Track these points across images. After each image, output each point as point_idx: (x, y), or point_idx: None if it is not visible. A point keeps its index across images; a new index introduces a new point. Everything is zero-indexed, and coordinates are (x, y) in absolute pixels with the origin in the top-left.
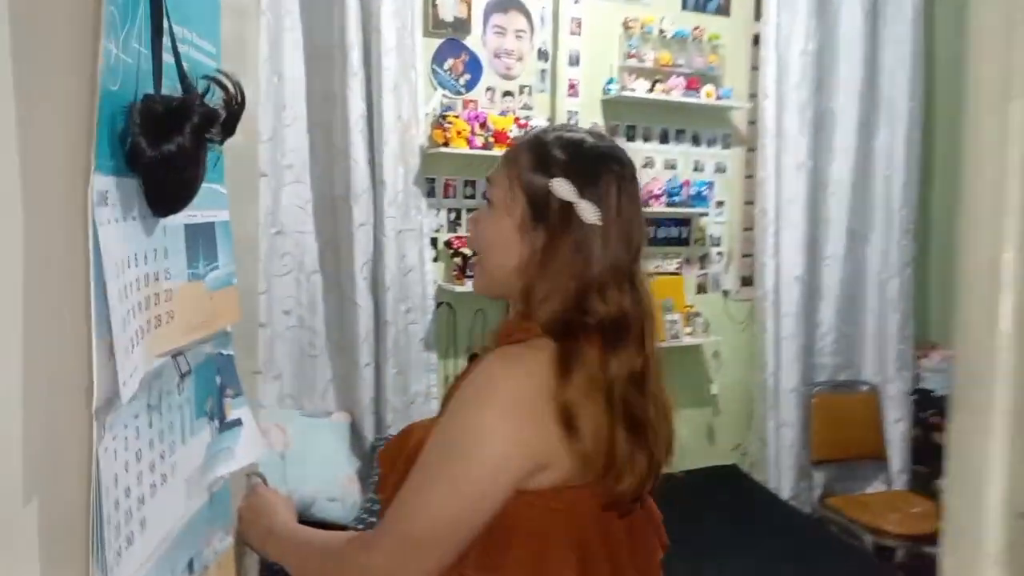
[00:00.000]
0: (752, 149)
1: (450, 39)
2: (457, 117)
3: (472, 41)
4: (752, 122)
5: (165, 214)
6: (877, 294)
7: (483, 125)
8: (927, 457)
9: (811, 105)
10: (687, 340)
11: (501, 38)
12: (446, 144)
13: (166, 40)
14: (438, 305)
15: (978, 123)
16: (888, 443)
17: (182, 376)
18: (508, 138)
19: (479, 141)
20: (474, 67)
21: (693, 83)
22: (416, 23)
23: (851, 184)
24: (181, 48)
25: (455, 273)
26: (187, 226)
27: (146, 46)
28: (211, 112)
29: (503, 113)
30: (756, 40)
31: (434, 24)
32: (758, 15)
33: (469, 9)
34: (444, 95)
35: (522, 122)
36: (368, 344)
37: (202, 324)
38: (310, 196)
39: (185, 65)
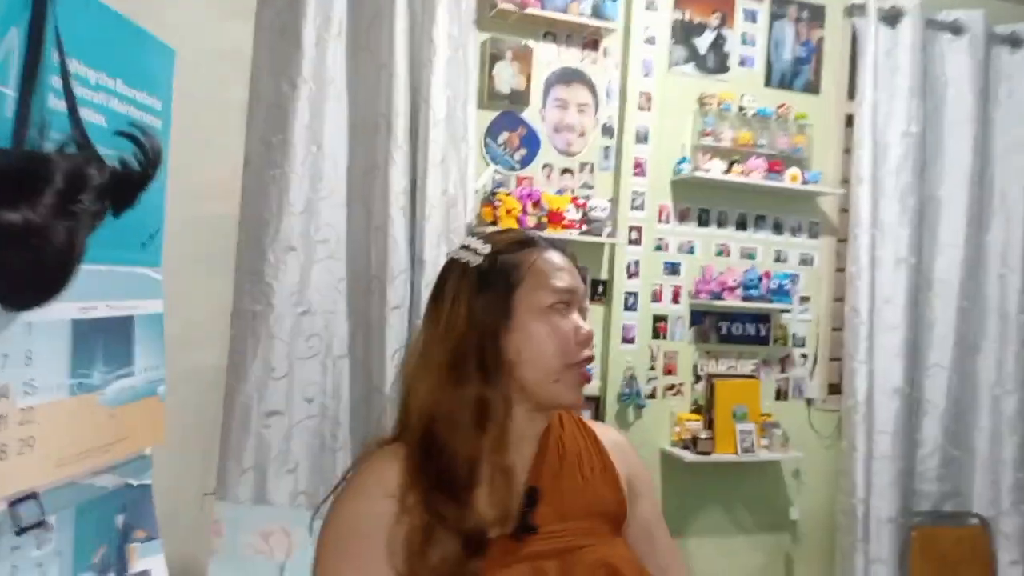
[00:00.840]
0: (844, 240)
1: (506, 112)
2: (508, 195)
3: (530, 114)
4: (845, 210)
5: (18, 307)
6: (990, 412)
7: (536, 204)
8: None
9: (913, 192)
10: (763, 455)
11: (562, 112)
12: (495, 223)
13: (54, 81)
14: None
15: None
16: None
17: (21, 530)
18: (563, 219)
19: (531, 221)
20: (531, 142)
21: (776, 165)
22: (470, 94)
23: (960, 283)
24: (92, 95)
25: None
26: (76, 322)
27: (14, 87)
28: (81, 174)
29: (560, 192)
30: (849, 121)
31: (490, 96)
32: (852, 94)
33: (528, 81)
34: (496, 171)
35: (580, 201)
36: None
37: (89, 452)
38: (344, 274)
39: (95, 117)
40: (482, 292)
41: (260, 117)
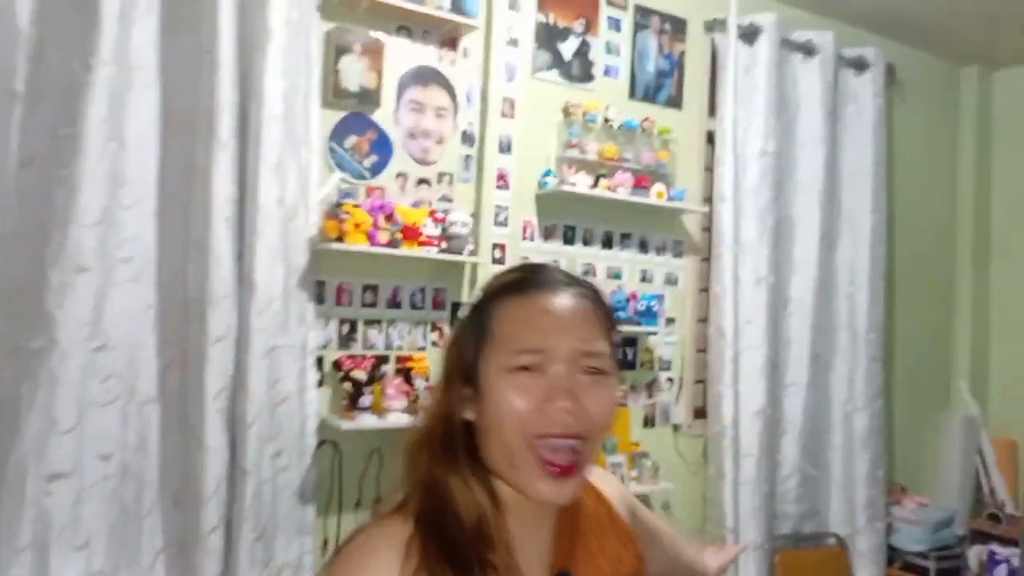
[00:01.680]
0: (706, 259)
1: (355, 113)
2: (357, 207)
3: (382, 117)
4: (706, 229)
5: None
6: (842, 429)
7: (389, 218)
8: None
9: (771, 212)
10: (632, 487)
11: (418, 115)
12: (341, 239)
13: None
14: (319, 445)
15: None
16: None
17: None
18: (420, 235)
19: (383, 237)
20: (383, 148)
21: (642, 180)
22: (312, 90)
23: (813, 302)
24: None
25: (345, 403)
26: None
27: None
28: None
29: (416, 204)
30: (710, 138)
31: (335, 93)
32: (712, 110)
33: (380, 79)
34: (343, 179)
35: (439, 215)
36: (218, 499)
37: None
38: (153, 299)
39: None
40: (459, 350)
41: (46, 106)
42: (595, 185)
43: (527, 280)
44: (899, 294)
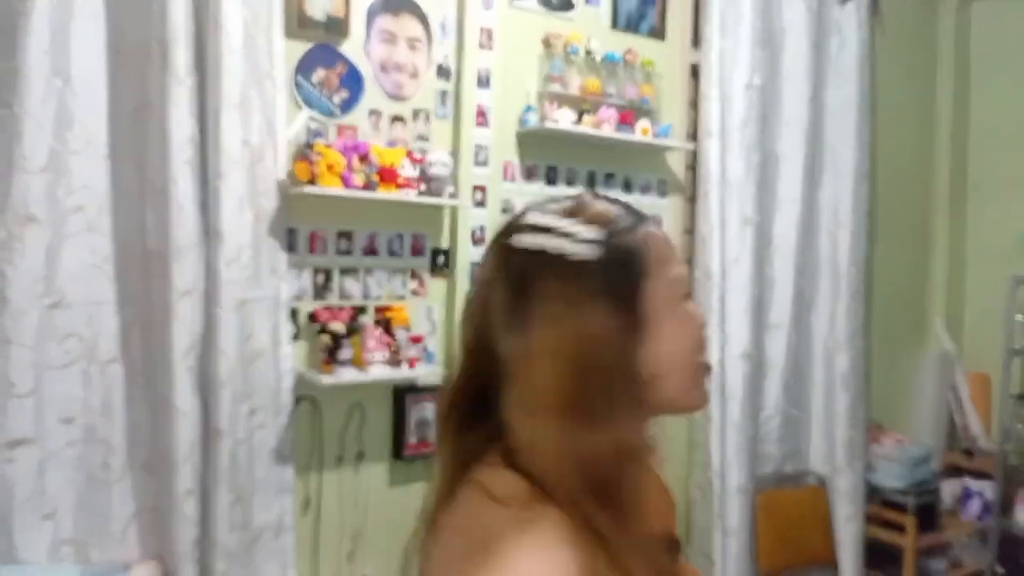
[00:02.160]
0: (691, 199)
1: (322, 44)
2: (329, 147)
3: (351, 48)
4: (690, 167)
5: None
6: (823, 368)
7: (364, 158)
8: (882, 560)
9: (757, 148)
10: None
11: (390, 47)
12: (312, 181)
13: None
14: (297, 402)
15: None
16: (839, 545)
17: None
18: (397, 177)
19: (358, 179)
20: (354, 82)
21: (627, 117)
22: (274, 18)
23: (796, 240)
24: None
25: (323, 357)
26: None
27: None
28: None
29: (391, 144)
30: (694, 71)
31: (300, 23)
32: (696, 41)
33: (348, 7)
34: (312, 117)
35: (417, 156)
36: (192, 463)
37: None
38: (110, 251)
39: None
40: (603, 294)
41: None
42: (579, 121)
43: (631, 213)
44: (879, 232)
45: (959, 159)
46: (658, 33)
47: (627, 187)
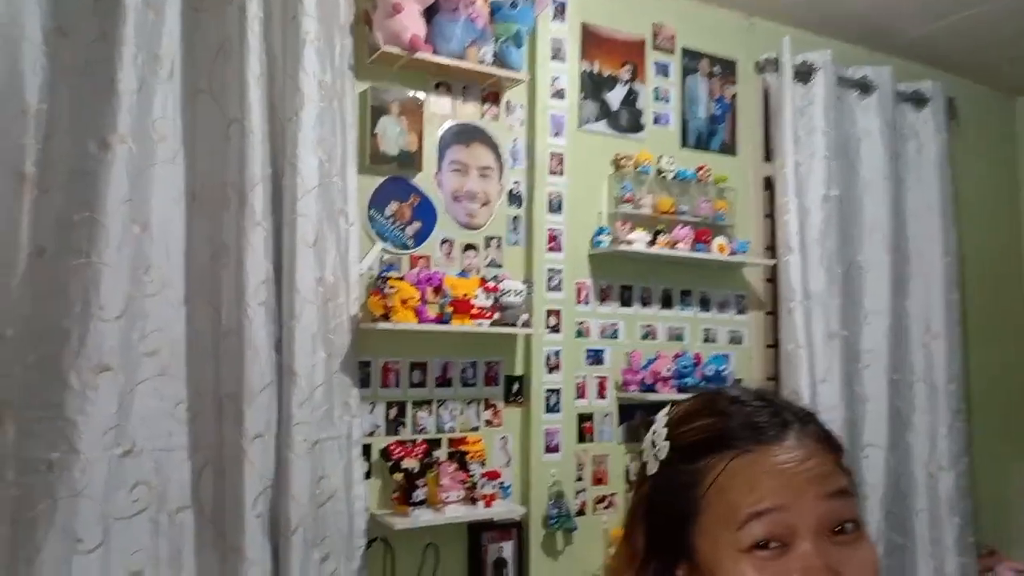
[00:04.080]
0: (771, 313)
1: (394, 177)
2: (401, 279)
3: (423, 181)
4: (769, 280)
5: None
6: (926, 492)
7: (438, 290)
8: None
9: (839, 260)
10: None
11: (462, 177)
12: (386, 316)
13: None
14: (369, 544)
15: None
16: None
17: None
18: (471, 308)
19: (432, 312)
20: (426, 213)
21: (702, 235)
22: (349, 156)
23: (888, 355)
24: None
25: (395, 496)
26: None
27: None
28: None
29: (463, 273)
30: (767, 184)
31: (372, 159)
32: (767, 155)
33: (420, 141)
34: (385, 249)
35: (490, 284)
36: None
37: None
38: (184, 396)
39: None
40: (653, 516)
41: (58, 189)
42: (653, 242)
43: (731, 427)
44: (971, 339)
45: None
46: (729, 149)
47: (704, 304)
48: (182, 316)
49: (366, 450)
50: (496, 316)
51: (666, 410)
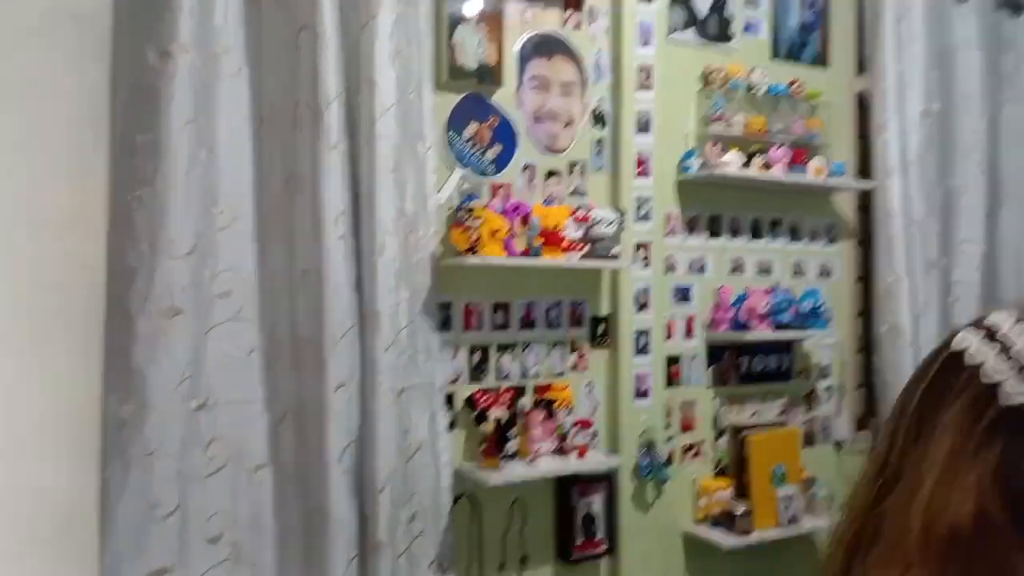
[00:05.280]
0: (861, 243)
1: (472, 95)
2: (486, 209)
3: (503, 98)
4: (861, 207)
5: None
6: None
7: (525, 220)
8: None
9: (938, 184)
10: (807, 524)
11: (543, 94)
12: (473, 250)
13: None
14: (455, 500)
15: None
16: None
17: None
18: (562, 240)
19: (519, 245)
20: (507, 136)
21: (799, 156)
22: (425, 71)
23: (979, 288)
24: None
25: (483, 449)
26: None
27: None
28: None
29: (548, 202)
30: (859, 100)
31: (451, 73)
32: (860, 67)
33: (499, 53)
34: (464, 177)
35: (580, 214)
36: None
37: None
38: (257, 342)
39: None
40: (995, 470)
41: (120, 107)
42: (748, 164)
43: None
44: None
45: None
46: (821, 60)
47: (794, 234)
48: (254, 253)
49: (449, 400)
50: (587, 249)
51: (1003, 312)
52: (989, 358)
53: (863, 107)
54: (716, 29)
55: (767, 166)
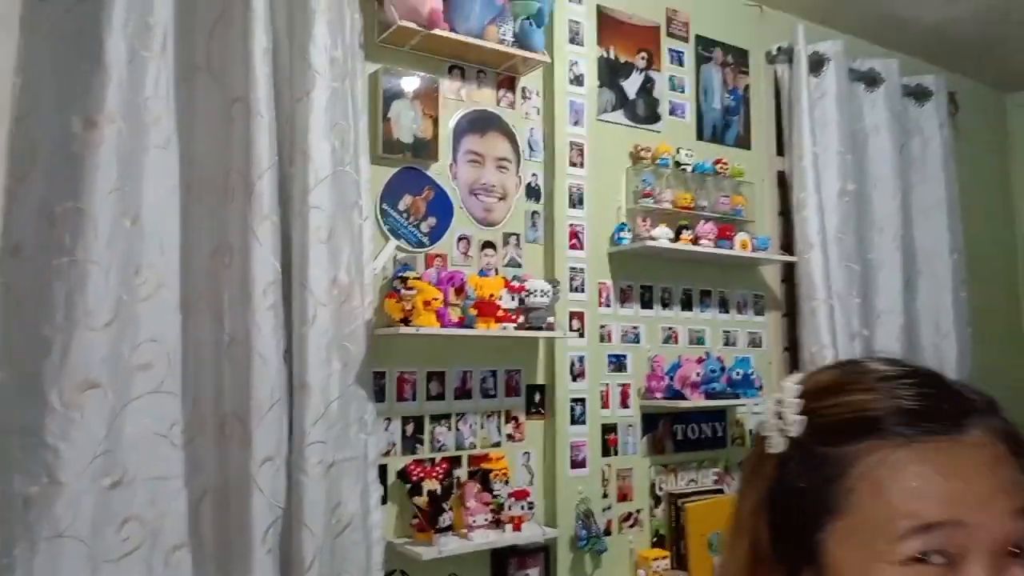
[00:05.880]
0: (787, 314)
1: (408, 168)
2: (420, 279)
3: (438, 171)
4: (784, 280)
5: None
6: None
7: (460, 291)
8: None
9: (856, 258)
10: None
11: (478, 169)
12: (406, 321)
13: None
14: None
15: None
16: None
17: None
18: (497, 310)
19: (454, 315)
20: (442, 208)
21: (726, 231)
22: (360, 143)
23: (901, 354)
24: None
25: (415, 523)
26: None
27: None
28: None
29: (483, 273)
30: (780, 179)
31: (385, 147)
32: (780, 149)
33: (435, 128)
34: (399, 247)
35: (515, 284)
36: None
37: None
38: (179, 416)
39: None
40: (779, 509)
41: (37, 176)
42: (676, 238)
43: (895, 407)
44: (974, 339)
45: None
46: (744, 142)
47: (723, 306)
48: (178, 324)
49: (381, 472)
50: (522, 319)
51: (793, 378)
52: (771, 426)
53: (784, 186)
54: (644, 111)
55: (695, 240)
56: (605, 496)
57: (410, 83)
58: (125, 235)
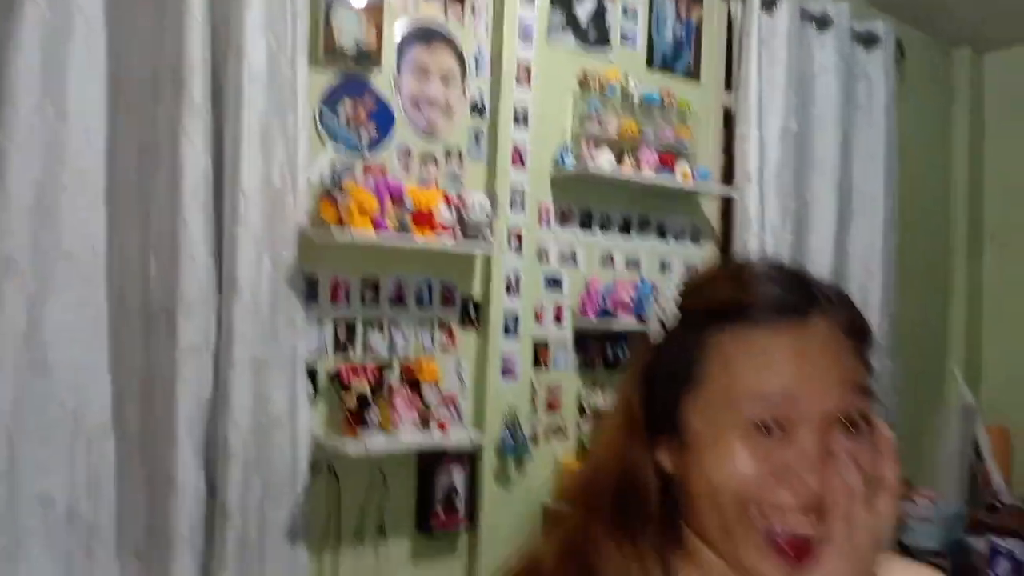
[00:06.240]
0: (723, 246)
1: (350, 75)
2: (358, 186)
3: (381, 81)
4: (724, 215)
5: None
6: None
7: (397, 200)
8: None
9: (793, 195)
10: None
11: (422, 81)
12: (340, 224)
13: None
14: (314, 472)
15: None
16: None
17: None
18: (433, 222)
19: (390, 223)
20: (383, 118)
21: (667, 159)
22: (299, 46)
23: None
24: None
25: (345, 421)
26: None
27: None
28: None
29: (423, 185)
30: (726, 114)
31: (327, 51)
32: (728, 83)
33: (379, 35)
34: (337, 154)
35: (453, 198)
36: (193, 547)
37: None
38: (104, 306)
39: None
40: (651, 383)
41: None
42: (619, 163)
43: (753, 299)
44: (899, 282)
45: (976, 208)
46: (693, 74)
47: (661, 233)
48: (103, 216)
49: (312, 374)
50: (459, 233)
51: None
52: (653, 317)
53: (729, 121)
54: (595, 37)
55: (637, 166)
56: (534, 407)
57: None
58: (48, 121)
